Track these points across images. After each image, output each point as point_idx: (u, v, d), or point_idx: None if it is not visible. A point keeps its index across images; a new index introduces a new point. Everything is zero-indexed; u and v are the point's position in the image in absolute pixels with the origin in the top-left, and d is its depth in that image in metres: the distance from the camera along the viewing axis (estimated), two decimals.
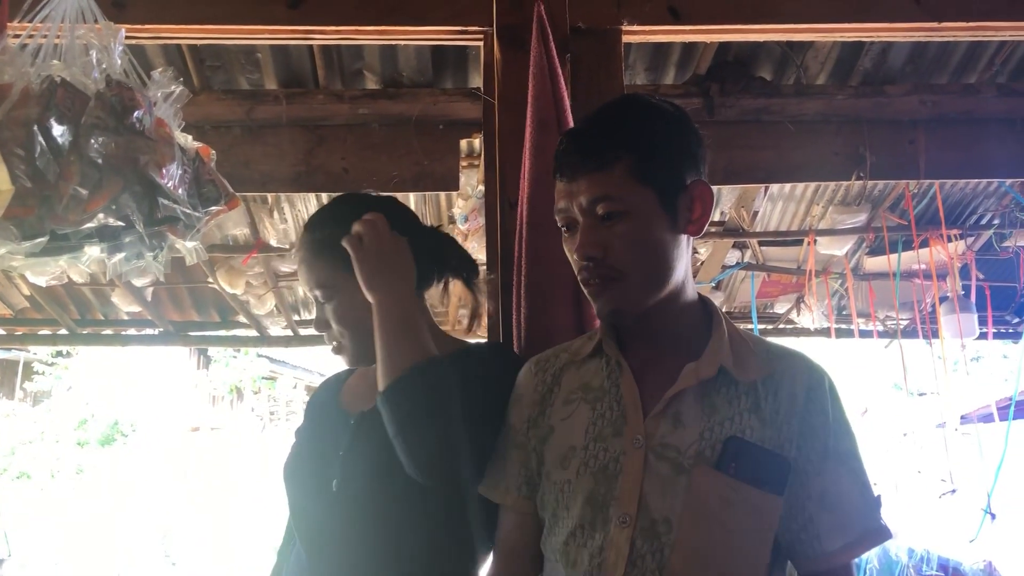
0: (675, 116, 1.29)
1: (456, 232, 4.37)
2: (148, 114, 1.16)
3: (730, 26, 2.22)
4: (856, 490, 1.23)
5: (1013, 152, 3.39)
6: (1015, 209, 4.72)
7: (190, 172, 1.20)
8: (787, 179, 3.72)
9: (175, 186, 1.15)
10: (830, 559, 1.21)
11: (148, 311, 5.51)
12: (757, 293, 5.85)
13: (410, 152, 3.23)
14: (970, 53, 3.36)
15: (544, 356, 1.42)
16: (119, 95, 1.12)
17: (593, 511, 1.21)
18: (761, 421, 1.21)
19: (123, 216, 1.10)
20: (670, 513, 1.17)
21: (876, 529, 1.22)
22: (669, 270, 1.25)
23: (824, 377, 1.27)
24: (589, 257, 1.23)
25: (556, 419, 1.32)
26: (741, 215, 4.79)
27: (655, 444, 1.20)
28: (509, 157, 1.96)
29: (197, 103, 3.06)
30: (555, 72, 1.90)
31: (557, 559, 1.25)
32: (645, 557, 1.16)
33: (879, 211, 4.84)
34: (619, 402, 1.26)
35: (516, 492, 1.35)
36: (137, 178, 1.11)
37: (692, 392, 1.23)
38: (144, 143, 1.12)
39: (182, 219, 1.17)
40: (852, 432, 1.26)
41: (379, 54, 3.12)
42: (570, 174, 1.25)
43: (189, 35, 2.21)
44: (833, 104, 3.27)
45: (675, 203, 1.24)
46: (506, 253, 1.94)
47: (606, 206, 1.22)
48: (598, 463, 1.23)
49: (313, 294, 1.51)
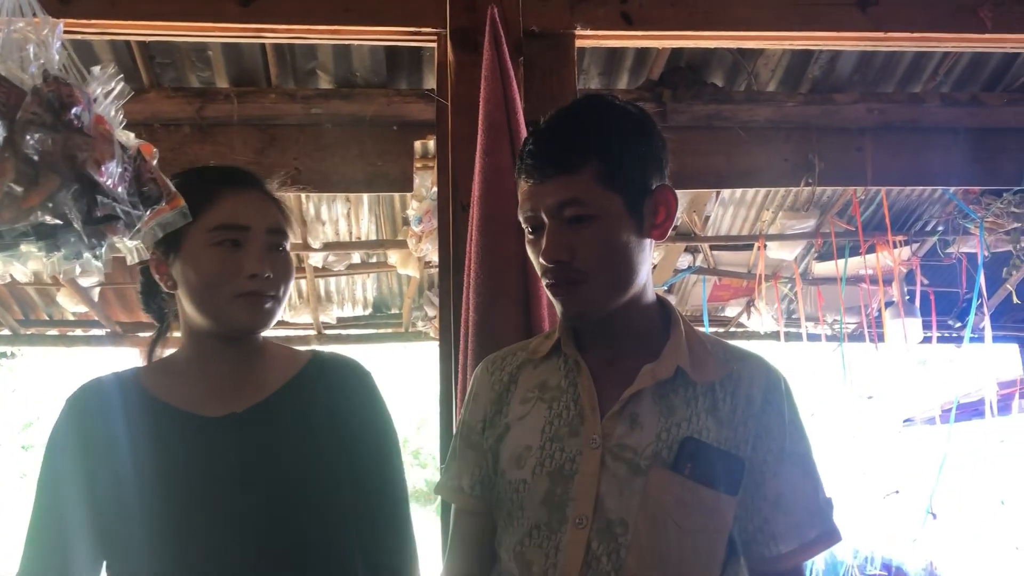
0: (641, 120, 1.29)
1: (410, 234, 4.36)
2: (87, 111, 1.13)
3: (682, 32, 2.25)
4: (811, 492, 1.25)
5: (956, 160, 3.47)
6: (958, 216, 4.83)
7: (131, 170, 1.18)
8: (738, 184, 3.76)
9: (115, 184, 1.12)
10: (784, 560, 1.23)
11: (95, 311, 5.41)
12: (708, 297, 5.92)
13: (363, 153, 3.21)
14: (915, 63, 3.44)
15: (500, 355, 1.42)
16: (57, 91, 1.09)
17: (549, 512, 1.21)
18: (718, 422, 1.22)
19: (60, 214, 1.08)
20: (626, 514, 1.18)
21: (829, 531, 1.25)
22: (634, 274, 1.25)
23: (781, 380, 1.28)
24: (556, 260, 1.23)
25: (513, 418, 1.31)
26: (693, 219, 4.85)
27: (612, 445, 1.21)
28: (461, 159, 1.96)
29: (147, 100, 3.01)
30: (508, 75, 1.91)
31: (511, 560, 1.24)
32: (601, 558, 1.17)
33: (827, 217, 4.93)
34: (576, 402, 1.26)
35: (469, 492, 1.34)
36: (75, 175, 1.09)
37: (649, 393, 1.24)
38: (82, 140, 1.10)
39: (122, 217, 1.15)
40: (807, 435, 1.28)
41: (332, 54, 3.10)
42: (537, 176, 1.24)
43: (138, 31, 2.18)
44: (783, 111, 3.33)
45: (641, 208, 1.24)
46: (458, 255, 1.94)
47: (574, 210, 1.21)
48: (554, 463, 1.22)
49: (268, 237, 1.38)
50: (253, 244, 1.37)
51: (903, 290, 5.38)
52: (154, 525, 1.29)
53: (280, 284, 1.39)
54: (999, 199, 4.54)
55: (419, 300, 5.69)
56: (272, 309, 1.38)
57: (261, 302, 1.36)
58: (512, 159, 1.78)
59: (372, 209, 4.74)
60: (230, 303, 1.35)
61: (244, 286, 1.35)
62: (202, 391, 1.40)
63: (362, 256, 5.19)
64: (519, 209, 1.28)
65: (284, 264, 1.40)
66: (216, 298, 1.35)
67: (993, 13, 2.26)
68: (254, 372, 1.42)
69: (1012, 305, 5.56)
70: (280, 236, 1.41)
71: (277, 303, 1.39)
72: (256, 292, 1.35)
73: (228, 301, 1.35)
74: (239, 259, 1.35)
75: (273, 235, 1.39)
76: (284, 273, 1.39)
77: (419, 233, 4.25)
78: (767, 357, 1.33)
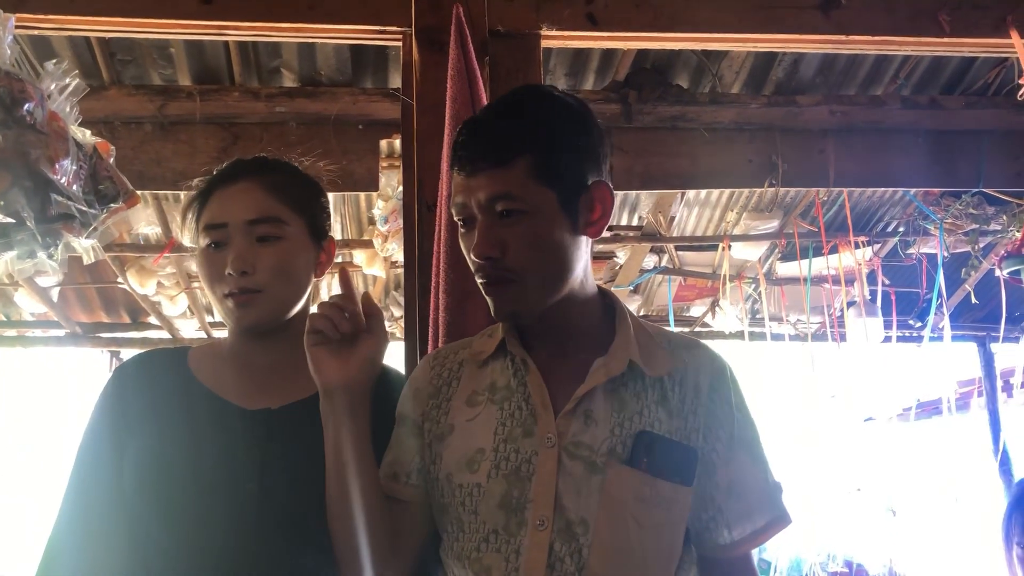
0: (579, 113, 1.25)
1: (376, 234, 4.34)
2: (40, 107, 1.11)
3: (647, 34, 2.25)
4: (761, 477, 1.26)
5: (917, 162, 3.53)
6: (918, 218, 4.89)
7: (86, 168, 1.15)
8: (702, 185, 3.80)
9: (69, 182, 1.10)
10: (737, 547, 1.24)
11: (54, 312, 5.32)
12: (674, 297, 5.95)
13: (328, 152, 3.17)
14: (877, 66, 3.48)
15: (443, 351, 1.39)
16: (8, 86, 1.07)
17: (507, 515, 1.18)
18: (668, 413, 1.22)
19: (12, 212, 1.05)
20: (586, 513, 1.16)
21: (779, 516, 1.26)
22: (567, 271, 1.23)
23: (726, 367, 1.29)
24: (486, 256, 1.20)
25: (459, 419, 1.27)
26: (658, 220, 4.87)
27: (567, 443, 1.19)
28: (427, 159, 1.95)
29: (107, 98, 2.96)
30: (473, 74, 1.90)
31: (466, 566, 1.20)
32: (564, 559, 1.15)
33: (790, 218, 4.98)
34: (528, 401, 1.23)
35: (405, 481, 1.30)
36: (28, 173, 1.07)
37: (601, 388, 1.22)
38: (35, 137, 1.07)
39: (77, 216, 1.12)
40: (754, 421, 1.28)
41: (297, 52, 3.08)
42: (469, 168, 1.21)
43: (96, 27, 2.13)
44: (747, 113, 3.35)
45: (576, 204, 1.21)
46: (424, 255, 1.93)
47: (505, 204, 1.18)
48: (510, 465, 1.20)
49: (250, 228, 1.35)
50: (233, 240, 1.35)
51: (865, 290, 5.45)
52: (171, 504, 1.30)
53: (264, 277, 1.35)
54: (958, 201, 4.61)
55: (385, 300, 5.67)
56: (255, 303, 1.35)
57: (241, 300, 1.34)
58: None
59: (338, 208, 4.71)
60: (222, 303, 1.36)
61: (226, 285, 1.34)
62: (243, 382, 1.40)
63: None
64: (451, 202, 1.25)
65: (270, 255, 1.36)
66: (213, 299, 1.37)
67: (951, 17, 2.29)
68: (296, 370, 1.38)
69: (970, 305, 5.65)
70: (265, 225, 1.36)
71: (263, 297, 1.35)
72: (234, 291, 1.34)
73: (220, 302, 1.37)
74: (223, 258, 1.35)
75: (256, 226, 1.36)
76: (269, 265, 1.35)
77: (385, 233, 4.23)
78: (711, 346, 1.33)
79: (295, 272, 1.39)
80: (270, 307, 1.37)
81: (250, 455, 1.33)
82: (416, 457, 1.30)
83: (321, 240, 1.47)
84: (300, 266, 1.41)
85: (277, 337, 1.42)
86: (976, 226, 4.68)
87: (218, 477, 1.31)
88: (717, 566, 1.27)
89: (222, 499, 1.30)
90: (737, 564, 1.27)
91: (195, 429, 1.35)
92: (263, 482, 1.31)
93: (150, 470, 1.32)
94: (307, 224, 1.43)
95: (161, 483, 1.31)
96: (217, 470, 1.31)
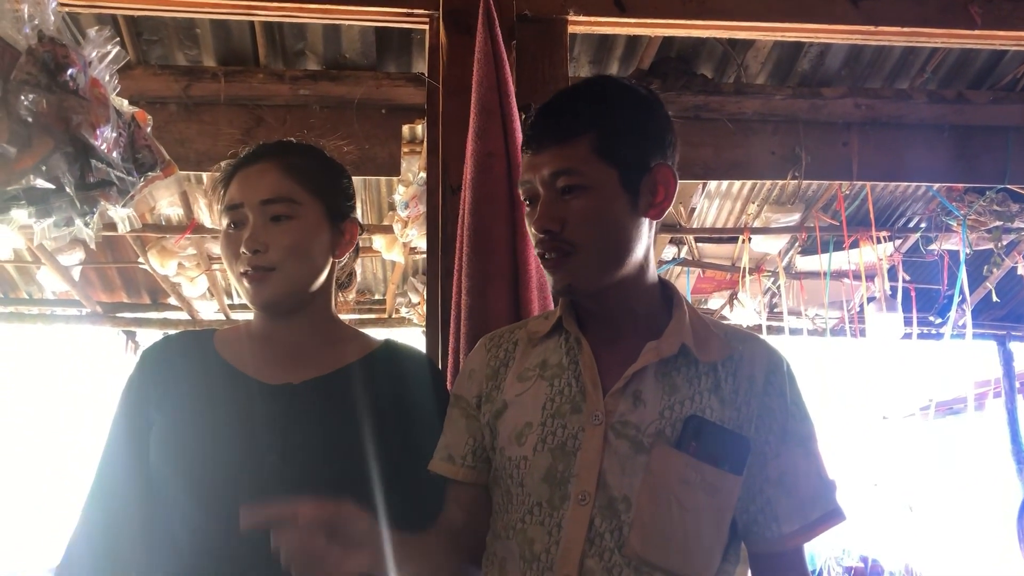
0: (646, 99, 1.28)
1: (396, 219, 4.34)
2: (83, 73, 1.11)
3: (674, 21, 2.25)
4: (813, 473, 1.25)
5: (941, 157, 3.49)
6: (941, 213, 4.86)
7: (125, 136, 1.16)
8: (724, 176, 3.77)
9: (109, 149, 1.10)
10: (786, 541, 1.23)
11: (76, 291, 5.37)
12: (692, 289, 5.94)
13: (351, 136, 3.18)
14: (903, 59, 3.45)
15: (499, 332, 1.41)
16: (52, 52, 1.07)
17: (551, 488, 1.20)
18: (721, 401, 1.22)
19: (53, 178, 1.05)
20: (629, 491, 1.17)
21: (832, 511, 1.24)
22: (625, 251, 1.24)
23: (783, 361, 1.28)
24: (545, 230, 1.22)
25: (511, 395, 1.29)
26: (679, 211, 4.86)
27: (614, 421, 1.20)
28: (452, 142, 1.96)
29: (133, 77, 2.97)
30: (500, 58, 1.90)
31: (511, 536, 1.23)
32: (604, 535, 1.16)
33: (812, 211, 4.95)
34: (578, 379, 1.25)
35: (461, 463, 1.32)
36: (69, 139, 1.07)
37: (652, 370, 1.23)
38: (77, 102, 1.08)
39: (116, 184, 1.13)
40: (809, 416, 1.28)
41: (322, 35, 3.08)
42: (535, 147, 1.24)
43: (127, 5, 2.15)
44: (771, 104, 3.33)
45: (637, 185, 1.23)
46: (448, 238, 1.93)
47: (567, 180, 1.21)
48: (556, 440, 1.21)
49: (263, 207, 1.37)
50: (249, 220, 1.38)
51: (885, 286, 5.42)
52: (195, 476, 1.32)
53: (277, 255, 1.37)
54: (982, 197, 4.57)
55: (403, 286, 5.68)
56: (269, 281, 1.37)
57: (254, 278, 1.36)
58: (504, 143, 1.78)
59: (358, 193, 4.72)
60: (239, 283, 1.40)
61: (242, 264, 1.37)
62: (265, 359, 1.43)
63: None
64: (519, 180, 1.28)
65: (282, 234, 1.37)
66: (233, 278, 1.41)
67: (983, 10, 2.28)
68: (319, 348, 1.44)
69: (991, 303, 5.61)
70: (278, 205, 1.38)
71: (276, 275, 1.37)
72: (248, 269, 1.36)
73: (238, 281, 1.40)
74: (240, 237, 1.37)
75: (269, 205, 1.38)
76: (282, 244, 1.37)
77: (405, 219, 4.23)
78: (769, 340, 1.33)
79: (309, 251, 1.41)
80: (284, 285, 1.38)
81: (272, 427, 1.35)
82: (470, 439, 1.33)
83: (339, 222, 1.48)
84: (314, 245, 1.42)
85: (298, 316, 1.44)
86: (1000, 223, 4.64)
87: (241, 449, 1.33)
88: (766, 561, 1.25)
89: (245, 471, 1.32)
90: (786, 559, 1.25)
91: (218, 403, 1.38)
92: (285, 453, 1.33)
93: (174, 444, 1.35)
94: (324, 205, 1.44)
95: (185, 456, 1.33)
96: (240, 442, 1.34)
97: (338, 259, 1.50)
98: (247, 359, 1.43)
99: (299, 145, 1.51)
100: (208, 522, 1.31)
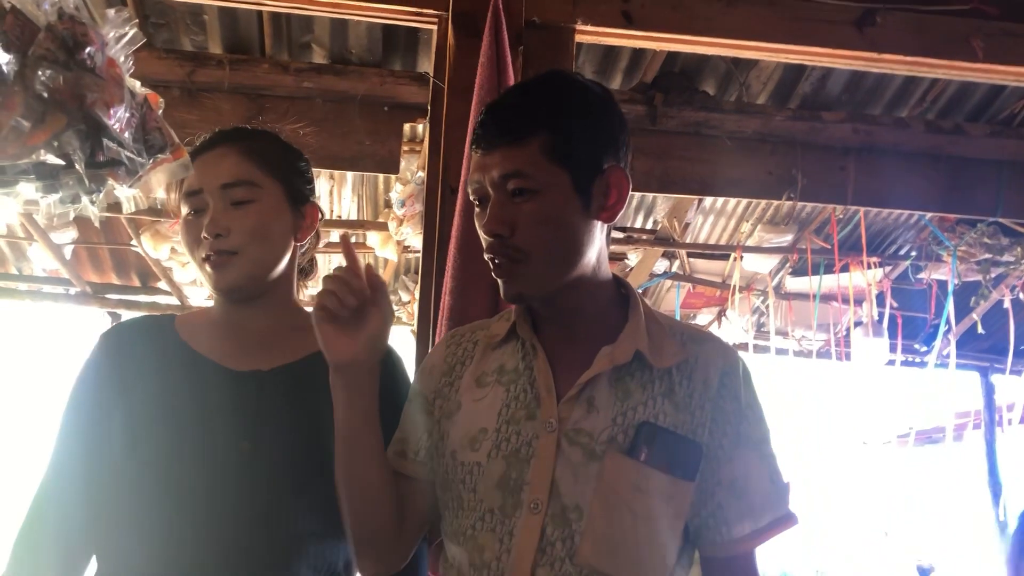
0: (598, 97, 1.25)
1: (392, 217, 4.35)
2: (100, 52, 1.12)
3: (680, 36, 2.27)
4: (766, 477, 1.23)
5: (935, 187, 3.52)
6: (932, 243, 4.90)
7: (137, 117, 1.17)
8: (721, 193, 3.80)
9: (121, 129, 1.11)
10: (736, 545, 1.22)
11: (66, 269, 5.34)
12: (681, 303, 5.96)
13: (352, 131, 3.19)
14: (903, 88, 3.48)
15: (461, 331, 1.40)
16: (71, 29, 1.08)
17: (503, 495, 1.18)
18: (675, 406, 1.20)
19: (64, 154, 1.06)
20: (581, 500, 1.16)
21: (783, 516, 1.23)
22: (576, 255, 1.22)
23: (738, 362, 1.27)
24: (495, 234, 1.20)
25: (467, 397, 1.28)
26: (673, 225, 4.87)
27: (568, 429, 1.19)
28: (453, 142, 1.97)
29: (137, 60, 2.94)
30: (505, 63, 1.91)
31: (461, 544, 1.21)
32: (555, 544, 1.15)
33: (805, 233, 4.98)
34: (533, 385, 1.23)
35: (413, 457, 1.31)
36: (83, 116, 1.08)
37: (606, 376, 1.21)
38: (93, 81, 1.09)
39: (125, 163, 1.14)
40: (764, 418, 1.26)
41: (329, 28, 3.09)
42: (485, 147, 1.21)
43: None
44: (771, 124, 3.35)
45: (589, 187, 1.21)
46: (443, 239, 1.94)
47: (517, 182, 1.18)
48: (510, 446, 1.20)
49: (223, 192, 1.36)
50: (210, 206, 1.37)
51: (873, 311, 5.45)
52: (163, 465, 1.30)
53: (239, 239, 1.36)
54: (973, 229, 4.61)
55: (394, 284, 5.68)
56: (231, 265, 1.36)
57: (217, 262, 1.35)
58: None
59: (355, 189, 4.73)
60: (201, 268, 1.38)
61: (203, 249, 1.36)
62: (232, 346, 1.41)
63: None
64: (468, 180, 1.25)
65: (244, 218, 1.36)
66: (195, 264, 1.39)
67: (985, 43, 2.30)
68: (286, 335, 1.43)
69: (975, 335, 5.65)
70: (239, 189, 1.37)
71: (238, 259, 1.36)
72: (210, 253, 1.35)
73: (200, 266, 1.38)
74: (200, 224, 1.36)
75: (229, 190, 1.37)
76: (243, 227, 1.36)
77: (401, 217, 4.23)
78: (724, 339, 1.31)
79: (270, 234, 1.40)
80: (246, 268, 1.37)
81: (242, 415, 1.34)
82: (424, 435, 1.31)
83: (300, 205, 1.47)
84: (276, 229, 1.41)
85: (263, 302, 1.43)
86: (989, 256, 4.68)
87: (210, 437, 1.32)
88: (717, 565, 1.24)
89: (216, 459, 1.31)
90: (738, 564, 1.24)
91: (184, 391, 1.36)
92: (257, 441, 1.32)
93: (141, 432, 1.32)
94: (284, 188, 1.43)
95: (152, 445, 1.31)
96: (209, 430, 1.32)
97: (299, 243, 1.49)
98: (211, 345, 1.41)
99: (256, 130, 1.51)
100: (176, 511, 1.29)
